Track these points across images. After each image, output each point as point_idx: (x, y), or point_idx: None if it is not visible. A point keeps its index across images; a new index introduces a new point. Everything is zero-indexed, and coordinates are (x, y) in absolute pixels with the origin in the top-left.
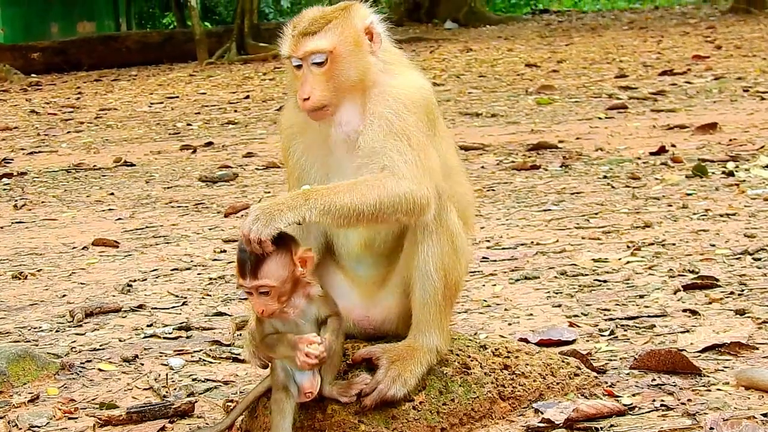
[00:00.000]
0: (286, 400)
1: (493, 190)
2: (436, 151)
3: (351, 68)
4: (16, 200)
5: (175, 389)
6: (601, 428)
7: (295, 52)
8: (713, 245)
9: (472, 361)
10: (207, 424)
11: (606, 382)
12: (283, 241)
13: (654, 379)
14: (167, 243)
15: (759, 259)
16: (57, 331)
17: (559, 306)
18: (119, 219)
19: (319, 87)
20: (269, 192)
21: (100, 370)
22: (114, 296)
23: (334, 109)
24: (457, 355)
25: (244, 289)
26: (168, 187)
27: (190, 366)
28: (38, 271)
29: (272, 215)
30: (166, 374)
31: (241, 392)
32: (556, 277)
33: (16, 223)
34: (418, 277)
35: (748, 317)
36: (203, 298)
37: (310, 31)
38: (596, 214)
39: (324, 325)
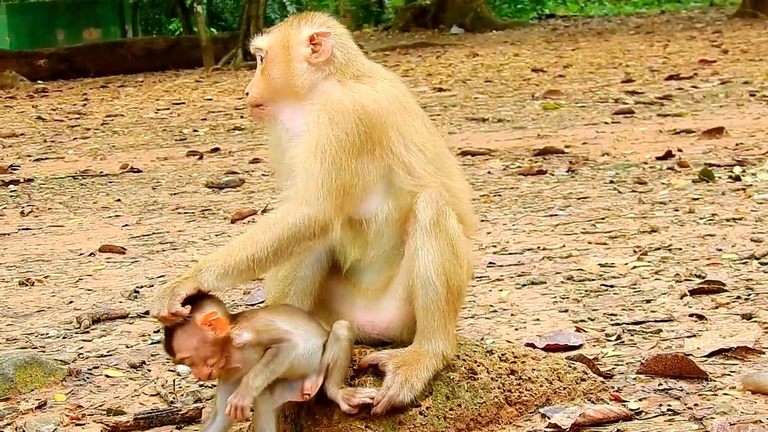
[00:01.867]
0: (266, 399)
1: (500, 195)
2: (371, 167)
3: (277, 71)
4: (23, 207)
5: (182, 395)
6: None
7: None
8: (720, 250)
9: (478, 366)
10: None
11: (613, 387)
12: (192, 311)
13: (661, 384)
14: (174, 249)
15: (766, 264)
16: (64, 338)
17: (566, 311)
18: (126, 225)
19: (257, 84)
20: (276, 198)
21: (107, 376)
22: (121, 302)
23: (270, 110)
24: (464, 360)
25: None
26: (174, 194)
27: None
28: (45, 277)
29: (172, 289)
30: (174, 380)
31: None
32: (562, 282)
33: (23, 229)
34: (420, 284)
35: (755, 322)
36: None
37: (267, 31)
38: (603, 218)
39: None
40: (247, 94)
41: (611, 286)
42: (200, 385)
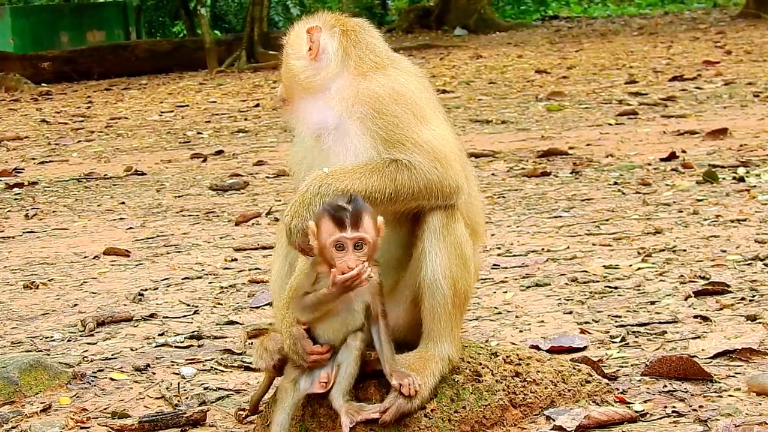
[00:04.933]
0: (290, 393)
1: (504, 196)
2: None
3: (285, 68)
4: (28, 210)
5: (186, 398)
6: None
7: None
8: (724, 251)
9: (483, 368)
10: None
11: (617, 389)
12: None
13: (665, 386)
14: (178, 252)
15: None
16: (69, 341)
17: (570, 313)
18: (130, 228)
19: (281, 80)
20: (280, 200)
21: (111, 379)
22: (125, 305)
23: (291, 104)
24: (469, 362)
25: (344, 241)
26: (179, 196)
27: (202, 375)
28: (50, 280)
29: (329, 183)
30: (178, 383)
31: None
32: (567, 283)
33: (28, 232)
34: (427, 287)
35: (760, 323)
36: (215, 306)
37: None
38: (607, 220)
39: (374, 325)
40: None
41: (615, 288)
42: (205, 388)
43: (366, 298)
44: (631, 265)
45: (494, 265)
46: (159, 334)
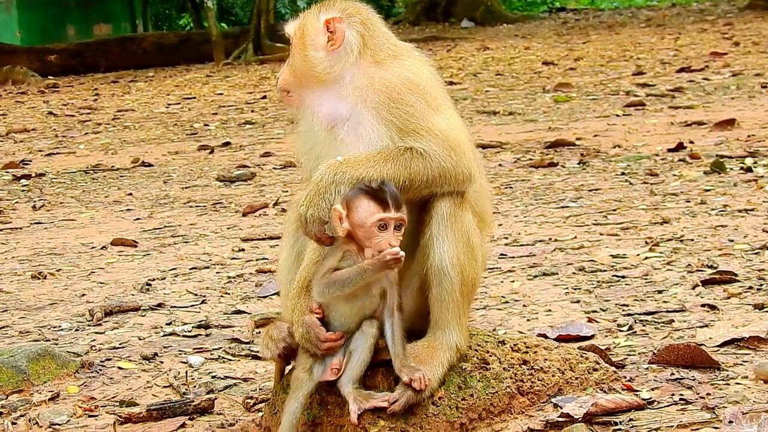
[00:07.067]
0: (304, 383)
1: (511, 187)
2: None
3: (299, 59)
4: (35, 201)
5: (194, 386)
6: (620, 422)
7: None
8: (732, 240)
9: (490, 356)
10: (227, 421)
11: (625, 377)
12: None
13: (673, 374)
14: (186, 242)
15: None
16: (77, 330)
17: (578, 302)
18: (137, 219)
19: (284, 71)
20: (287, 191)
21: (119, 368)
22: (133, 295)
23: (298, 97)
24: (476, 350)
25: (387, 220)
26: (186, 187)
27: (210, 363)
28: (57, 270)
29: (344, 171)
30: (186, 372)
31: (260, 389)
32: (574, 273)
33: (35, 223)
34: (434, 274)
35: (767, 312)
36: (222, 296)
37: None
38: (614, 210)
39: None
40: (278, 80)
41: (623, 277)
42: (212, 377)
43: (385, 285)
44: (638, 255)
45: (502, 254)
46: (167, 324)
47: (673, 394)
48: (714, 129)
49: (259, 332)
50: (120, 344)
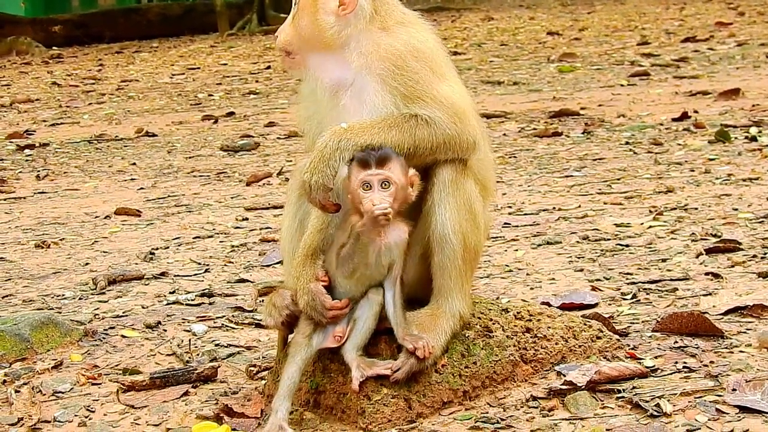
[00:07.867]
0: (303, 348)
1: (515, 156)
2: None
3: (306, 21)
4: (39, 171)
5: (197, 355)
6: (624, 390)
7: None
8: (736, 209)
9: (494, 324)
10: (230, 389)
11: (628, 345)
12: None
13: (676, 342)
14: (189, 212)
15: None
16: (80, 299)
17: (582, 270)
18: (141, 188)
19: (286, 30)
20: (291, 161)
21: (123, 336)
22: (136, 264)
23: (301, 59)
24: (479, 318)
25: (369, 179)
26: (190, 157)
27: (213, 332)
28: (61, 240)
29: (348, 138)
30: (189, 340)
31: (263, 357)
32: (578, 242)
33: (39, 193)
34: (436, 242)
35: None
36: (225, 265)
37: None
38: (618, 179)
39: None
40: (277, 39)
41: (627, 246)
42: (216, 345)
43: (394, 256)
44: (642, 224)
45: (505, 223)
46: (170, 292)
47: (676, 362)
48: (719, 99)
49: (263, 300)
50: (123, 313)
